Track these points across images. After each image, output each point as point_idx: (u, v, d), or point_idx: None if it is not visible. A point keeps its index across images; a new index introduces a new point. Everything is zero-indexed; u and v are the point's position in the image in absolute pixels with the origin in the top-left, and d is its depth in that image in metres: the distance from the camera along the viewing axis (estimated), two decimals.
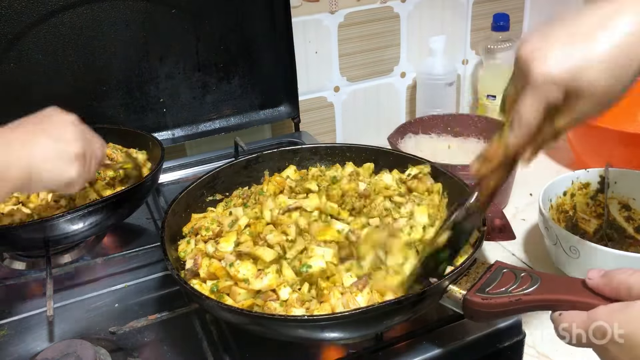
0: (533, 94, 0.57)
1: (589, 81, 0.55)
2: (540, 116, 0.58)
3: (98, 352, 0.69)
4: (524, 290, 0.61)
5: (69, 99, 1.12)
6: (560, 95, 0.56)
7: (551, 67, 0.56)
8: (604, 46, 0.55)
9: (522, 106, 0.58)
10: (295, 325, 0.63)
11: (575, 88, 0.56)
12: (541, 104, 0.57)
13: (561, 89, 0.56)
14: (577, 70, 0.55)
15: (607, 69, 0.55)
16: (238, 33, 1.21)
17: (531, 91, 0.57)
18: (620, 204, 1.07)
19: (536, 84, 0.56)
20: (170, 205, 0.82)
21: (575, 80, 0.55)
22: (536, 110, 0.58)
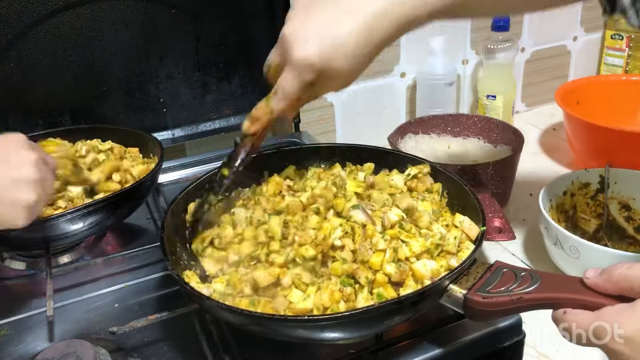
0: (293, 73, 0.68)
1: (337, 66, 0.66)
2: (298, 90, 0.69)
3: (98, 352, 0.69)
4: (525, 289, 0.61)
5: (69, 99, 1.13)
6: (315, 75, 0.67)
7: (307, 53, 0.66)
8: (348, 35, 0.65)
9: (284, 81, 0.70)
10: (295, 325, 0.63)
11: (326, 72, 0.66)
12: (299, 82, 0.68)
13: (315, 72, 0.67)
14: (327, 57, 0.65)
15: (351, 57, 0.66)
16: (238, 33, 1.21)
17: (291, 70, 0.68)
18: (620, 204, 1.08)
19: (295, 65, 0.67)
20: (169, 206, 0.82)
21: (326, 66, 0.66)
22: (295, 86, 0.69)
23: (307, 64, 0.66)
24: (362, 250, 0.72)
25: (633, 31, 1.59)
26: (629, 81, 1.45)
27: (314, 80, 0.68)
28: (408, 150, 1.18)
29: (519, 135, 1.16)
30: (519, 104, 1.69)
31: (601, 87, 1.44)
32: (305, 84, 0.68)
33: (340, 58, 0.65)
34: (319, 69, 0.66)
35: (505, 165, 1.09)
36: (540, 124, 1.60)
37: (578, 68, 1.74)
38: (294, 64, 0.67)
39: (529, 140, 1.32)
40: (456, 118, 1.29)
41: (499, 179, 1.09)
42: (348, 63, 0.66)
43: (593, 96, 1.40)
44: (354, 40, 0.65)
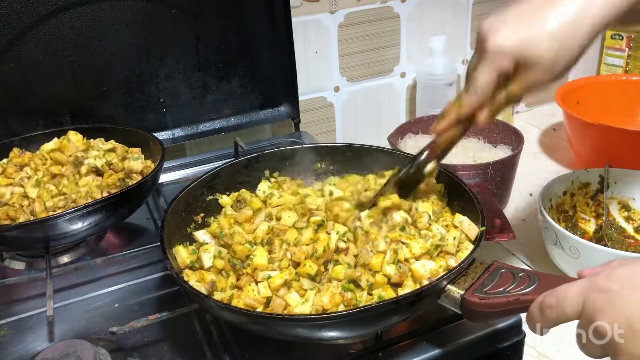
0: (487, 63, 0.65)
1: (535, 52, 0.62)
2: (492, 82, 0.65)
3: (98, 352, 0.69)
4: (522, 290, 0.61)
5: (69, 99, 1.13)
6: (511, 64, 0.64)
7: (502, 39, 0.63)
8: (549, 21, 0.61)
9: (478, 73, 0.66)
10: (294, 324, 0.63)
11: (523, 58, 0.63)
12: (494, 71, 0.65)
13: (511, 59, 0.63)
14: (524, 42, 0.62)
15: (551, 42, 0.61)
16: (238, 33, 1.21)
17: (485, 60, 0.65)
18: (620, 204, 1.08)
19: (489, 54, 0.64)
20: (170, 205, 0.82)
21: (523, 52, 0.62)
22: (489, 77, 0.65)
23: (500, 50, 0.63)
24: (364, 253, 0.72)
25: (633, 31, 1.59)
26: (629, 81, 1.45)
27: (509, 70, 0.64)
28: (408, 150, 1.18)
29: (519, 135, 1.16)
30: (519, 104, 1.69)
31: (601, 87, 1.44)
32: (500, 74, 0.64)
33: (539, 44, 0.61)
34: (516, 56, 0.62)
35: (505, 165, 1.09)
36: (540, 124, 1.60)
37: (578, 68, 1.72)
38: (488, 52, 0.64)
39: (529, 140, 1.32)
40: None
41: (499, 179, 1.09)
42: (549, 47, 0.61)
43: (593, 96, 1.40)
44: (558, 21, 0.61)
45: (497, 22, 0.64)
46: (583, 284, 0.52)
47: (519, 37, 0.62)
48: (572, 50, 0.62)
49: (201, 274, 0.74)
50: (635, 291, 0.49)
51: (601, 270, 0.54)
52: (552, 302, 0.54)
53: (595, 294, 0.51)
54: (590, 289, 0.51)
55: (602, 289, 0.50)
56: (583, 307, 0.51)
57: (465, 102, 0.69)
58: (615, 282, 0.50)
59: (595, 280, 0.52)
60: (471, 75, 0.68)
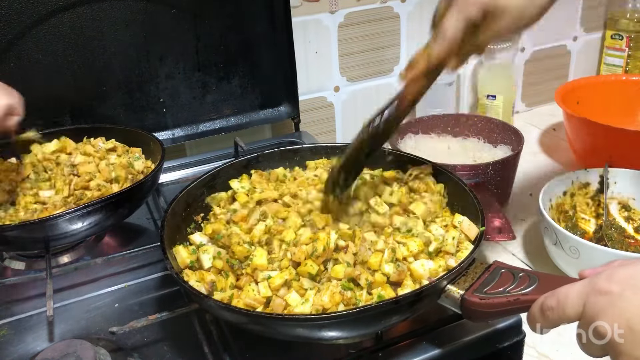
0: (456, 12, 0.64)
1: (504, 1, 0.62)
2: (461, 31, 0.65)
3: (98, 352, 0.69)
4: (522, 290, 0.61)
5: (69, 99, 1.13)
6: (479, 14, 0.63)
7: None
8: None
9: (446, 22, 0.65)
10: (294, 324, 0.63)
11: (493, 7, 0.63)
12: (462, 20, 0.64)
13: (480, 8, 0.63)
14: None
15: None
16: (238, 33, 1.21)
17: (455, 9, 0.64)
18: (620, 204, 1.08)
19: (459, 3, 0.64)
20: (170, 205, 0.82)
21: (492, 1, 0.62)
22: (457, 26, 0.65)
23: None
24: (362, 251, 0.72)
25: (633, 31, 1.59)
26: (629, 81, 1.45)
27: (478, 19, 0.64)
28: (408, 150, 1.18)
29: (519, 135, 1.17)
30: (519, 104, 1.69)
31: (601, 87, 1.44)
32: (469, 23, 0.64)
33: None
34: (485, 5, 0.63)
35: (505, 165, 1.10)
36: (540, 124, 1.60)
37: (578, 68, 1.74)
38: (458, 1, 0.64)
39: (529, 140, 1.32)
40: (456, 118, 1.29)
41: (499, 179, 1.09)
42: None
43: (593, 96, 1.40)
44: None
45: None
46: (584, 286, 0.52)
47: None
48: (539, 4, 0.63)
49: (201, 274, 0.74)
50: (635, 292, 0.49)
51: (602, 271, 0.54)
52: (553, 304, 0.54)
53: (596, 296, 0.51)
54: (591, 290, 0.51)
55: (603, 291, 0.50)
56: (584, 308, 0.51)
57: (435, 52, 0.67)
58: (615, 283, 0.50)
59: (595, 281, 0.52)
60: (439, 23, 0.67)
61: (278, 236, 0.77)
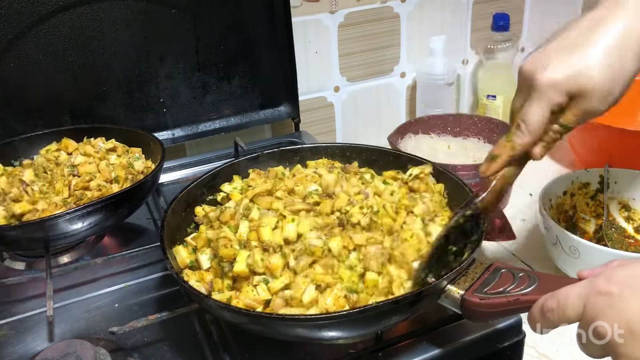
0: (538, 99, 0.63)
1: (589, 81, 0.61)
2: (545, 119, 0.65)
3: (98, 352, 0.69)
4: (522, 291, 0.61)
5: (69, 99, 1.13)
6: (564, 98, 0.63)
7: (552, 74, 0.62)
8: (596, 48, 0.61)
9: (529, 110, 0.65)
10: (293, 324, 0.63)
11: (576, 88, 0.62)
12: (546, 107, 0.64)
13: (564, 92, 0.62)
14: (575, 73, 0.62)
15: (603, 68, 0.61)
16: (238, 33, 1.21)
17: (536, 97, 0.64)
18: (620, 204, 1.08)
19: (540, 90, 0.63)
20: (170, 205, 0.82)
21: (575, 82, 0.62)
22: (542, 113, 0.64)
23: (553, 84, 0.62)
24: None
25: None
26: None
27: (563, 103, 0.63)
28: (408, 150, 1.18)
29: None
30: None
31: None
32: (552, 108, 0.64)
33: (591, 70, 0.61)
34: (568, 88, 0.62)
35: None
36: None
37: None
38: (538, 89, 0.63)
39: None
40: (456, 118, 1.29)
41: None
42: (602, 74, 0.61)
43: None
44: (606, 45, 0.61)
45: (541, 57, 0.64)
46: (583, 287, 0.53)
47: (570, 70, 0.62)
48: (625, 73, 0.62)
49: (201, 274, 0.74)
50: (635, 293, 0.49)
51: (601, 272, 0.54)
52: (553, 305, 0.54)
53: (596, 297, 0.51)
54: (591, 291, 0.51)
55: (602, 291, 0.50)
56: (584, 309, 0.52)
57: (518, 143, 0.67)
58: (615, 284, 0.50)
59: (595, 282, 0.52)
60: (519, 113, 0.66)
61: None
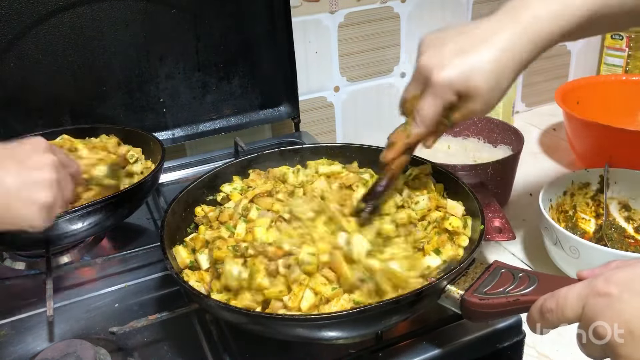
0: (433, 95, 0.70)
1: (475, 85, 0.67)
2: (438, 113, 0.71)
3: (98, 352, 0.69)
4: (522, 291, 0.61)
5: (69, 99, 1.13)
6: (454, 96, 0.69)
7: (447, 73, 0.68)
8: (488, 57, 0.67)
9: (424, 105, 0.71)
10: (294, 324, 0.63)
11: (465, 90, 0.68)
12: (440, 103, 0.70)
13: (455, 91, 0.68)
14: (466, 76, 0.67)
15: (489, 75, 0.67)
16: (238, 33, 1.21)
17: (432, 93, 0.69)
18: (620, 204, 1.08)
19: (435, 87, 0.69)
20: (170, 205, 0.82)
21: (465, 84, 0.67)
22: (435, 108, 0.70)
23: (447, 83, 0.68)
24: None
25: (633, 31, 1.59)
26: (629, 81, 1.45)
27: (453, 101, 0.69)
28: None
29: (519, 135, 1.16)
30: (519, 104, 1.69)
31: (601, 87, 1.44)
32: (445, 105, 0.70)
33: (479, 76, 0.67)
34: (459, 89, 0.68)
35: (505, 165, 1.09)
36: (540, 124, 1.60)
37: (578, 68, 1.74)
38: (434, 86, 0.69)
39: (529, 140, 1.32)
40: None
41: (499, 179, 1.09)
42: (487, 82, 0.67)
43: (593, 96, 1.40)
44: (492, 59, 0.67)
45: (439, 56, 0.69)
46: (582, 288, 0.53)
47: (463, 72, 0.67)
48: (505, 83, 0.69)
49: (201, 274, 0.74)
50: (634, 295, 0.49)
51: (600, 272, 0.54)
52: (552, 306, 0.54)
53: (595, 298, 0.51)
54: (590, 292, 0.52)
55: (601, 293, 0.51)
56: (583, 310, 0.52)
57: (414, 133, 0.74)
58: (614, 285, 0.50)
59: (594, 283, 0.52)
60: (412, 103, 0.73)
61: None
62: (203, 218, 0.84)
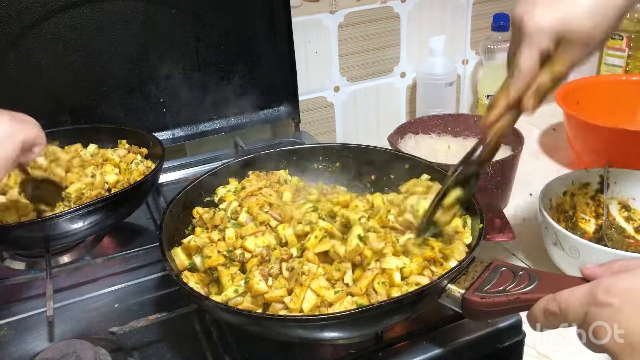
0: (528, 45, 0.65)
1: (573, 27, 0.63)
2: (535, 63, 0.66)
3: (98, 352, 0.69)
4: (523, 289, 0.61)
5: (69, 99, 1.13)
6: (551, 43, 0.64)
7: (540, 19, 0.64)
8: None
9: (519, 57, 0.66)
10: (294, 325, 0.63)
11: (562, 34, 0.63)
12: (535, 52, 0.65)
13: (551, 37, 0.64)
14: (561, 19, 0.63)
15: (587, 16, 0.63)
16: (238, 33, 1.21)
17: (526, 43, 0.65)
18: (620, 204, 1.07)
19: (529, 36, 0.64)
20: (168, 207, 0.81)
21: (561, 28, 0.63)
22: (531, 58, 0.65)
23: (540, 30, 0.64)
24: None
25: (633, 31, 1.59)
26: (629, 81, 1.45)
27: (551, 48, 0.65)
28: (408, 150, 1.18)
29: (519, 135, 1.16)
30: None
31: (601, 87, 1.44)
32: (541, 53, 0.65)
33: (576, 18, 0.63)
34: (555, 33, 0.63)
35: (505, 165, 1.09)
36: (540, 124, 1.60)
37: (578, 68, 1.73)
38: (527, 34, 0.65)
39: (529, 140, 1.32)
40: (456, 118, 1.29)
41: (499, 179, 1.09)
42: (585, 23, 0.63)
43: (593, 96, 1.39)
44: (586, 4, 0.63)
45: (529, 4, 0.65)
46: (584, 295, 0.53)
47: (556, 15, 0.63)
48: (607, 21, 0.64)
49: (200, 275, 0.74)
50: (635, 308, 0.49)
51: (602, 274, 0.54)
52: (555, 310, 0.55)
53: (597, 309, 0.51)
54: (591, 302, 0.52)
55: (602, 303, 0.51)
56: (585, 317, 0.52)
57: (513, 87, 0.68)
58: (614, 296, 0.50)
59: (594, 292, 0.52)
60: (512, 61, 0.68)
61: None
62: (199, 220, 0.85)
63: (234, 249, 0.74)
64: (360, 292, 0.68)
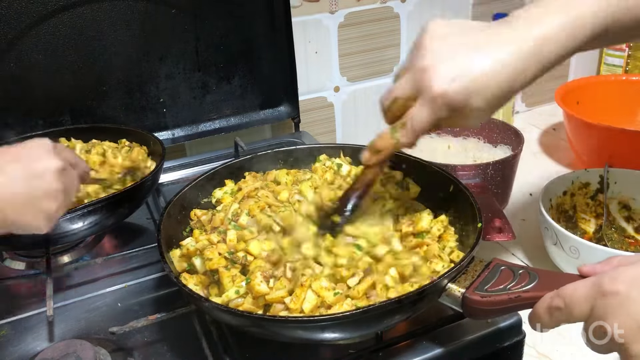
0: (429, 109, 0.65)
1: (475, 106, 0.63)
2: (430, 125, 0.67)
3: (98, 352, 0.69)
4: (523, 287, 0.61)
5: (69, 99, 1.13)
6: (450, 112, 0.64)
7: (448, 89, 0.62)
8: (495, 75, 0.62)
9: (417, 115, 0.67)
10: (294, 326, 0.63)
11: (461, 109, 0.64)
12: (434, 117, 0.66)
13: (451, 109, 0.64)
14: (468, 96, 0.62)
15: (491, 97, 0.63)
16: (238, 33, 1.21)
17: (427, 105, 0.65)
18: (620, 204, 1.08)
19: (433, 100, 0.64)
20: (165, 208, 0.81)
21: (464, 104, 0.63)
22: (428, 121, 0.66)
23: (446, 101, 0.63)
24: None
25: None
26: (629, 81, 1.45)
27: (447, 117, 0.65)
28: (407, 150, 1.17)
29: (519, 135, 1.16)
30: (519, 104, 1.69)
31: (601, 87, 1.44)
32: (439, 119, 0.66)
33: (479, 98, 0.62)
34: (456, 107, 0.63)
35: (505, 165, 1.09)
36: (540, 124, 1.60)
37: (578, 68, 1.74)
38: (432, 99, 0.64)
39: (529, 140, 1.32)
40: None
41: (499, 179, 1.09)
42: (486, 104, 0.63)
43: (593, 96, 1.40)
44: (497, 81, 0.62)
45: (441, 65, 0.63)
46: (589, 288, 0.52)
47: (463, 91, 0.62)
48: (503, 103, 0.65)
49: (199, 277, 0.74)
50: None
51: (602, 269, 0.54)
52: (560, 305, 0.54)
53: (603, 299, 0.51)
54: (597, 293, 0.51)
55: (608, 292, 0.50)
56: (591, 311, 0.52)
57: (402, 142, 0.71)
58: (621, 283, 0.50)
59: (600, 283, 0.52)
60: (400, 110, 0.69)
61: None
62: (197, 222, 0.85)
63: (235, 251, 0.74)
64: (359, 296, 0.68)
